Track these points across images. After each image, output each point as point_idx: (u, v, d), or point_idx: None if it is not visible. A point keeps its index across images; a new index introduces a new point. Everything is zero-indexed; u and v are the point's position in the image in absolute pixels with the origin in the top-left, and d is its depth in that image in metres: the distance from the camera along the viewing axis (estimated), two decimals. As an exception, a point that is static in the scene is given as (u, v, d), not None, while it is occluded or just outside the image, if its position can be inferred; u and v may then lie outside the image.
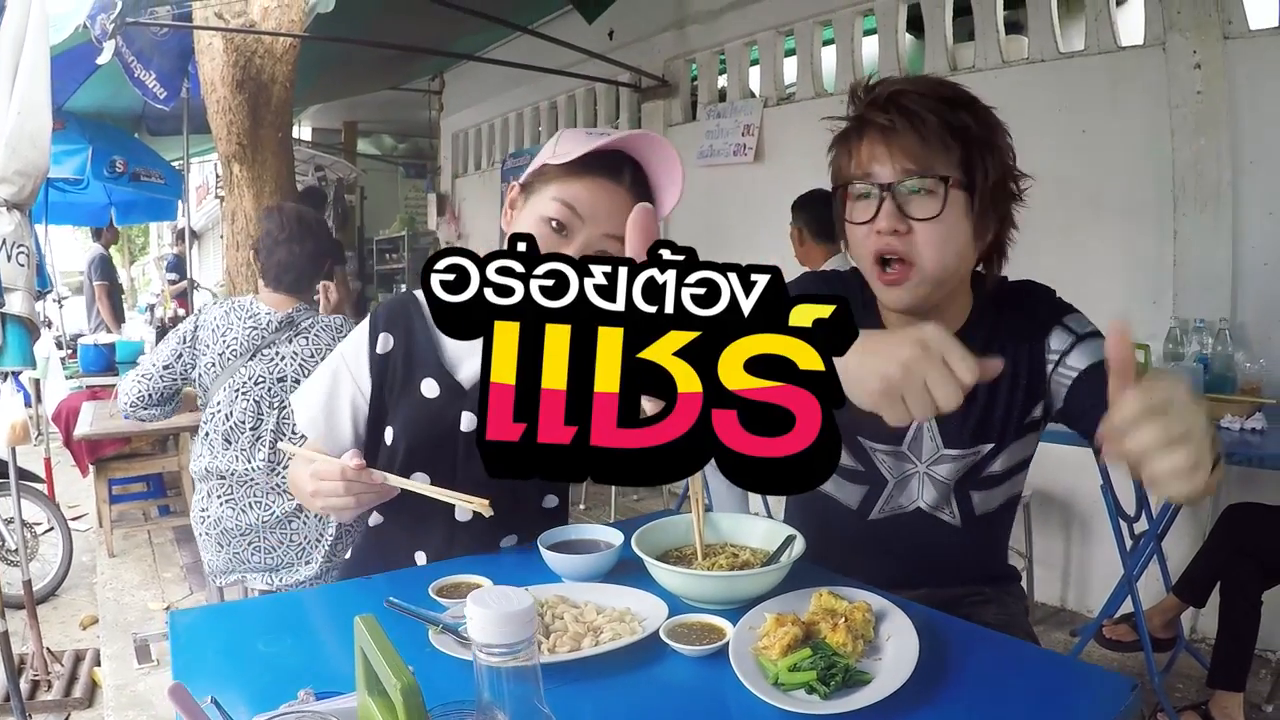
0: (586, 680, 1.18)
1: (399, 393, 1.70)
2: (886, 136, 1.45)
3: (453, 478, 1.63)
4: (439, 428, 1.67)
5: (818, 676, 1.12)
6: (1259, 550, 3.05)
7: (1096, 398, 1.22)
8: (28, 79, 3.00)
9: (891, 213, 1.44)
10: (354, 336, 1.74)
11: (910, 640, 1.22)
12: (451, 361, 1.70)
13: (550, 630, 1.26)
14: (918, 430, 1.61)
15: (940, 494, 1.63)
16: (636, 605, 1.36)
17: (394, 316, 1.72)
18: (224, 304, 3.09)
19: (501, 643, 0.67)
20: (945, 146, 1.43)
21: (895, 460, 1.64)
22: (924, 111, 1.43)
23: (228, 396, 2.94)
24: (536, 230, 1.52)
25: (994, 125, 1.49)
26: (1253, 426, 2.97)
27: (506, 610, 0.67)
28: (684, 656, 1.24)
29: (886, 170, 1.45)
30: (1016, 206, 1.58)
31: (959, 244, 1.47)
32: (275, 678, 1.15)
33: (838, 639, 1.19)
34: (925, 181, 1.43)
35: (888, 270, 1.48)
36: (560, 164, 1.53)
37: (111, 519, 5.26)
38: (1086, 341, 1.54)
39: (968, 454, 1.58)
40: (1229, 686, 3.00)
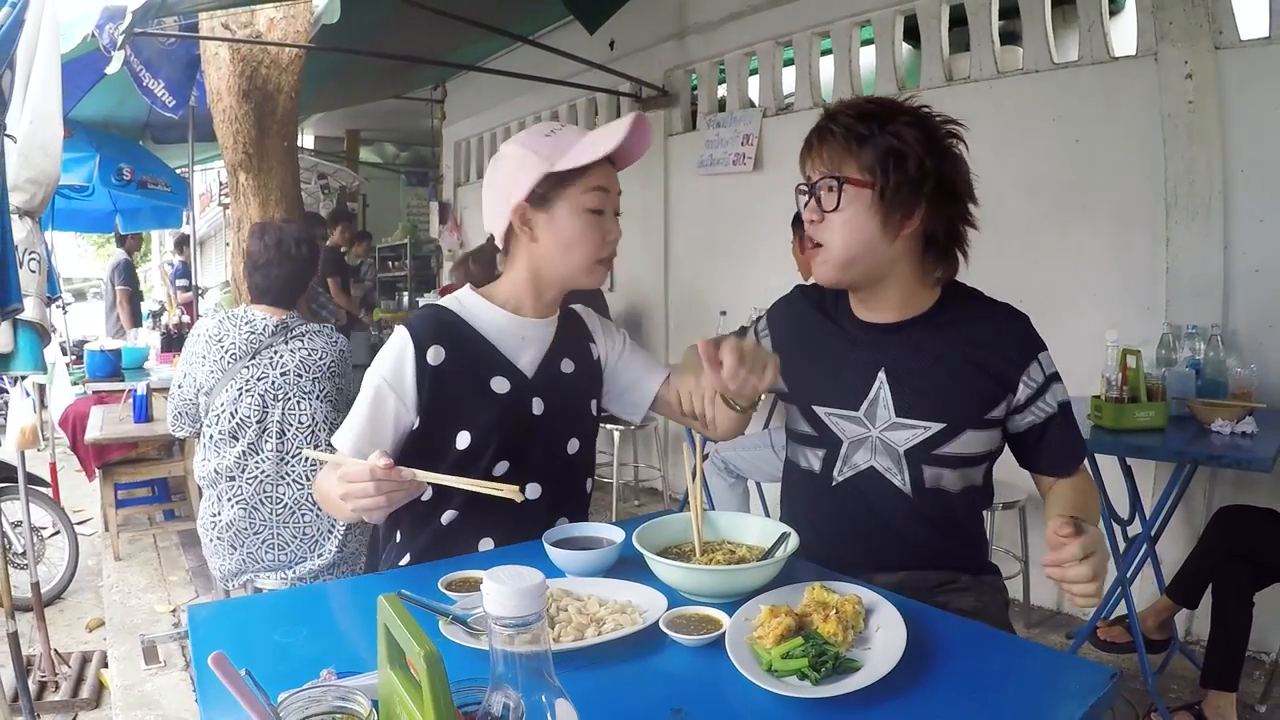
0: (589, 668, 1.23)
1: (467, 395, 1.81)
2: (812, 148, 1.78)
3: (528, 460, 1.82)
4: (515, 418, 1.83)
5: (809, 663, 1.18)
6: (1250, 552, 3.08)
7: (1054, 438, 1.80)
8: (40, 88, 3.04)
9: (812, 206, 1.77)
10: (390, 358, 1.79)
11: (898, 631, 1.28)
12: (514, 357, 1.86)
13: (555, 621, 1.31)
14: (874, 399, 1.80)
15: (892, 459, 1.79)
16: (637, 598, 1.41)
17: (437, 329, 1.81)
18: (217, 314, 3.16)
19: (515, 615, 0.72)
20: (848, 151, 1.71)
21: (851, 424, 1.82)
22: (837, 126, 1.73)
23: (231, 396, 3.01)
24: (583, 224, 1.80)
25: (908, 136, 1.69)
26: (1243, 430, 3.01)
27: (520, 585, 0.73)
28: (682, 646, 1.29)
29: (813, 174, 1.77)
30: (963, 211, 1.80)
31: (863, 233, 1.72)
32: (295, 664, 1.20)
33: (829, 629, 1.27)
34: (832, 180, 1.72)
35: (811, 250, 1.82)
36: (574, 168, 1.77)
37: (117, 523, 5.28)
38: (1055, 384, 1.80)
39: (917, 426, 1.76)
40: (1222, 687, 3.02)
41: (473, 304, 1.88)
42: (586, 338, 2.04)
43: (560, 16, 6.80)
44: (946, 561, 1.83)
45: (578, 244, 1.81)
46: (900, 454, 1.77)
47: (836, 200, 1.71)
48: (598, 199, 1.80)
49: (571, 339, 1.99)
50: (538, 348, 1.91)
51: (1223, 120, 3.71)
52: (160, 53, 5.92)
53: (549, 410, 1.88)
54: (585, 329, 2.05)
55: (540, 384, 1.88)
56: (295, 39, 5.45)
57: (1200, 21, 3.71)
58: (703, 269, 6.46)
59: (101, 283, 8.13)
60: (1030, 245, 4.34)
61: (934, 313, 1.82)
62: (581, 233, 1.80)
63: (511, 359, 1.86)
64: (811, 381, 1.89)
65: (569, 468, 1.95)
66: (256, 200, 5.50)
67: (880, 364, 1.80)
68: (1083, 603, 1.41)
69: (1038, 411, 1.78)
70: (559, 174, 1.77)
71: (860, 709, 1.13)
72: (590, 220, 1.80)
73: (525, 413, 1.85)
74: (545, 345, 1.92)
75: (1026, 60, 4.46)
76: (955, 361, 1.76)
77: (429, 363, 1.77)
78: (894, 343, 1.81)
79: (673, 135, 6.72)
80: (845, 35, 5.38)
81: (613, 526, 1.68)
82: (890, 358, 1.80)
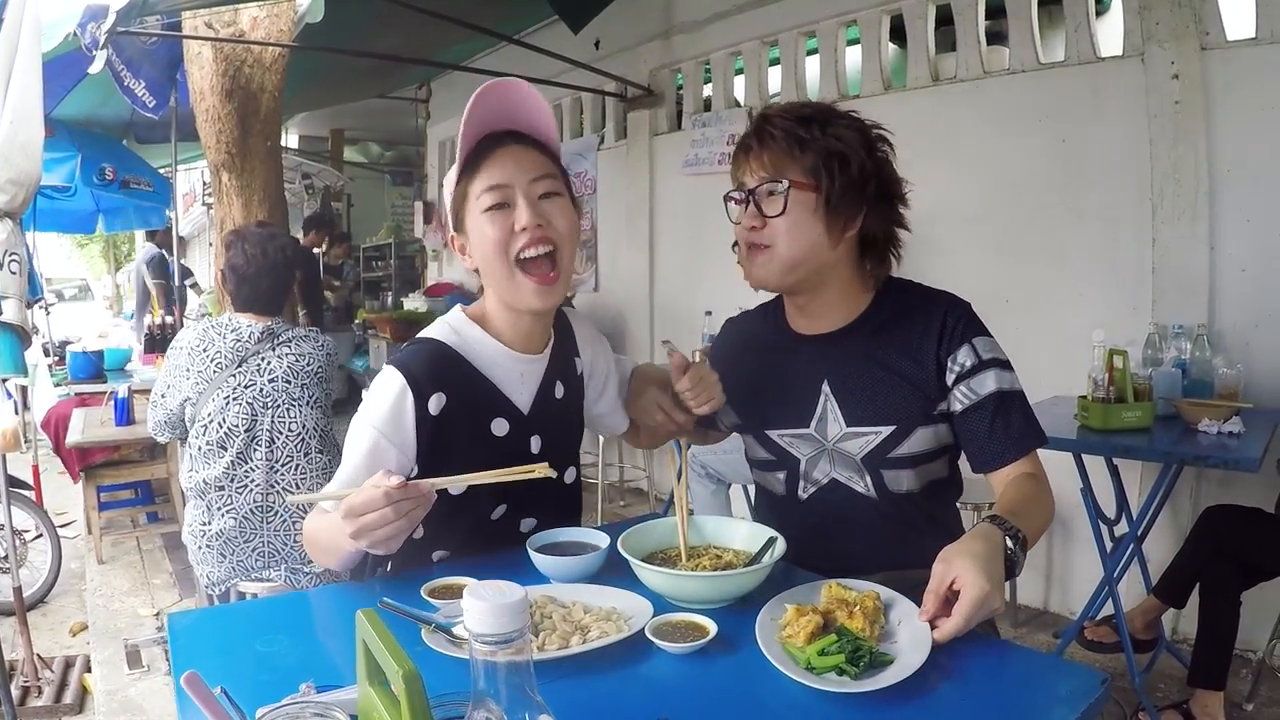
0: (574, 677, 1.21)
1: (466, 441, 1.68)
2: (750, 152, 1.75)
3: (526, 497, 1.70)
4: (513, 458, 1.65)
5: (846, 659, 1.20)
6: (1237, 551, 3.09)
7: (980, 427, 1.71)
8: (20, 88, 3.01)
9: (751, 213, 1.74)
10: (386, 407, 1.62)
11: (922, 624, 1.31)
12: (513, 394, 1.76)
13: (539, 629, 1.29)
14: (822, 413, 1.80)
15: (852, 468, 1.78)
16: (623, 605, 1.40)
17: (437, 373, 1.66)
18: (200, 324, 3.12)
19: (496, 632, 0.71)
20: (790, 156, 1.69)
21: (804, 442, 1.82)
22: (776, 130, 1.71)
23: (218, 405, 2.97)
24: (490, 232, 1.62)
25: (849, 139, 1.71)
26: (1230, 430, 3.02)
27: (501, 601, 0.71)
28: (669, 654, 1.28)
29: (751, 179, 1.74)
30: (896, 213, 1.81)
31: (808, 235, 1.71)
32: (275, 675, 1.18)
33: (856, 625, 1.29)
34: (772, 185, 1.70)
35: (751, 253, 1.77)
36: (460, 178, 1.67)
37: (100, 526, 5.25)
38: (988, 370, 1.72)
39: (868, 432, 1.75)
40: (1209, 685, 3.04)
41: (470, 335, 1.73)
42: (572, 349, 1.92)
43: (545, 16, 6.78)
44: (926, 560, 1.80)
45: (488, 248, 1.64)
46: (857, 462, 1.77)
47: (783, 204, 1.69)
48: (490, 197, 1.62)
49: (559, 356, 1.86)
50: (534, 380, 1.79)
51: (1209, 120, 3.72)
52: (142, 52, 5.88)
53: (546, 445, 1.79)
54: (573, 340, 1.93)
55: (537, 420, 1.78)
56: (278, 38, 5.42)
57: (1187, 22, 3.72)
58: (688, 268, 6.45)
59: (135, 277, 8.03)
60: (1016, 245, 4.34)
61: (871, 314, 1.82)
62: (487, 234, 1.63)
63: (510, 396, 1.75)
64: (760, 408, 1.89)
65: (567, 498, 1.90)
66: (239, 200, 5.47)
67: (823, 376, 1.80)
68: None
69: (965, 395, 1.72)
70: (459, 187, 1.67)
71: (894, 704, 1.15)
72: (489, 219, 1.62)
73: (524, 453, 1.76)
74: (540, 375, 1.81)
75: (1013, 60, 4.46)
76: (894, 361, 1.75)
77: (430, 413, 1.63)
78: (835, 353, 1.80)
79: (658, 135, 6.72)
80: (831, 35, 5.37)
81: (598, 531, 1.66)
82: (832, 369, 1.79)
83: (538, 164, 1.66)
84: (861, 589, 1.39)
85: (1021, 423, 1.72)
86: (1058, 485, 4.08)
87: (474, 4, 6.09)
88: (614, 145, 7.20)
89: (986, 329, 1.78)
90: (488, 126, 1.66)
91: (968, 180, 4.39)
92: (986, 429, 1.71)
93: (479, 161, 1.64)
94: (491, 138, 1.66)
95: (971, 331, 1.74)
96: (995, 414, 1.71)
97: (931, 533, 1.80)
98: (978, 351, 1.72)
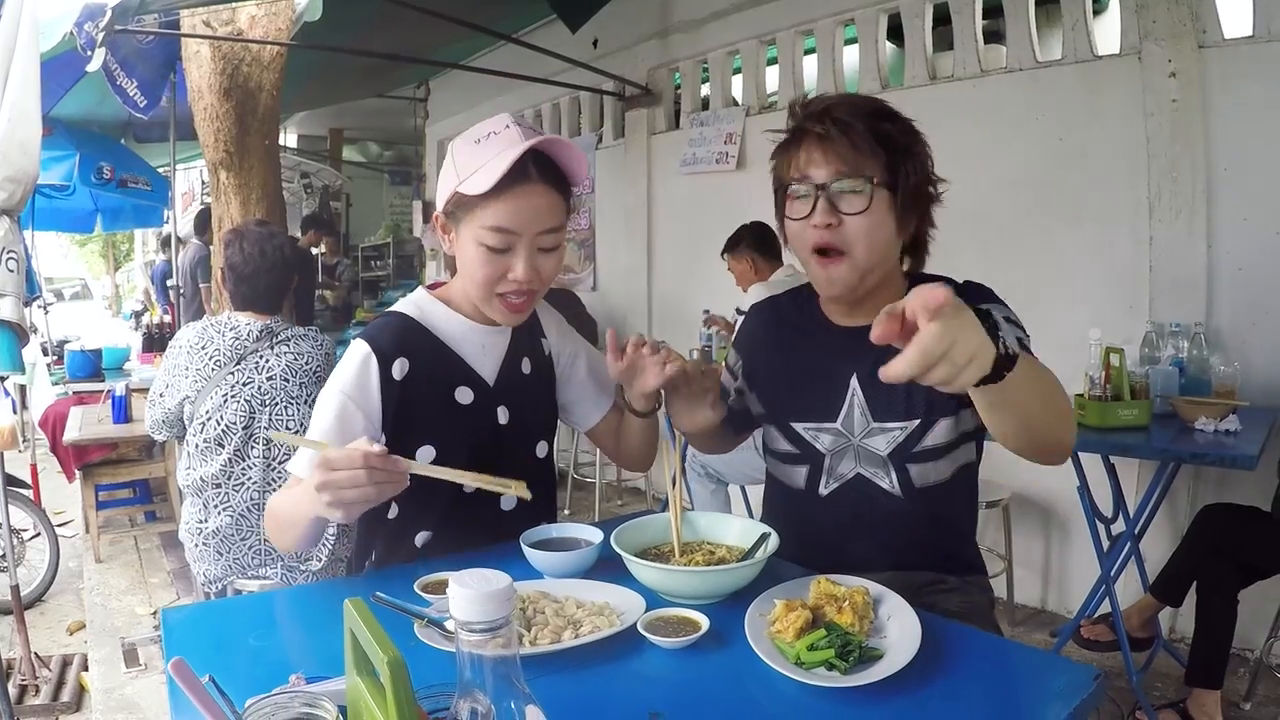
0: (566, 671, 1.21)
1: (430, 408, 1.72)
2: (822, 143, 1.63)
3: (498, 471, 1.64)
4: (479, 428, 1.76)
5: (836, 654, 1.20)
6: (1235, 549, 3.08)
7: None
8: (18, 86, 3.01)
9: (825, 209, 1.62)
10: (352, 372, 1.67)
11: (910, 618, 1.31)
12: (477, 366, 1.78)
13: (531, 623, 1.30)
14: (849, 408, 1.75)
15: (877, 464, 1.75)
16: (615, 600, 1.40)
17: (400, 341, 1.71)
18: (198, 323, 3.11)
19: (482, 620, 0.71)
20: (872, 152, 1.61)
21: (830, 436, 1.77)
22: (854, 121, 1.61)
23: (216, 403, 2.96)
24: (482, 259, 1.63)
25: (914, 135, 1.67)
26: (1227, 428, 3.01)
27: (486, 589, 0.71)
28: (661, 648, 1.28)
29: (821, 172, 1.62)
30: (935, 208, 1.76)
31: (885, 237, 1.64)
32: (267, 668, 1.18)
33: (845, 620, 1.29)
34: (855, 182, 1.60)
35: (825, 258, 1.66)
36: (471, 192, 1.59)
37: (98, 525, 5.25)
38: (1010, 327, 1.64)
39: (894, 427, 1.70)
40: (1207, 684, 3.03)
41: (432, 310, 1.78)
42: (539, 332, 1.95)
43: (543, 15, 6.77)
44: (936, 561, 1.79)
45: (474, 274, 1.66)
46: (884, 458, 1.73)
47: (866, 203, 1.60)
48: (494, 239, 1.61)
49: (526, 335, 1.89)
50: (498, 353, 1.83)
51: (1206, 119, 3.72)
52: (136, 51, 5.87)
53: (514, 417, 1.82)
54: (537, 323, 1.95)
55: (503, 391, 1.81)
56: (277, 36, 5.43)
57: (1184, 20, 3.72)
58: (686, 268, 6.45)
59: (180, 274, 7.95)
60: (1013, 243, 4.34)
61: None
62: (477, 265, 1.64)
63: (474, 367, 1.78)
64: (787, 398, 1.85)
65: (540, 472, 1.88)
66: (238, 199, 5.47)
67: (852, 370, 1.75)
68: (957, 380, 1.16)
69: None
70: (463, 197, 1.62)
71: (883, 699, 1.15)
72: (484, 255, 1.63)
73: (491, 423, 1.79)
74: (504, 349, 1.84)
75: (1010, 59, 4.46)
76: None
77: (394, 377, 1.68)
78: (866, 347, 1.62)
79: (656, 134, 6.71)
80: (829, 34, 5.37)
81: (591, 527, 1.66)
82: (862, 363, 1.72)
83: (551, 213, 1.64)
84: (851, 584, 1.40)
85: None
86: (1055, 484, 4.10)
87: (472, 3, 6.08)
88: (612, 144, 7.20)
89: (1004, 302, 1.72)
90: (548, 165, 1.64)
91: (964, 178, 4.29)
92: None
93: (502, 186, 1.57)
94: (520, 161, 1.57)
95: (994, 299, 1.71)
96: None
97: (951, 532, 1.84)
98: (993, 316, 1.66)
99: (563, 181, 1.67)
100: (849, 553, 1.71)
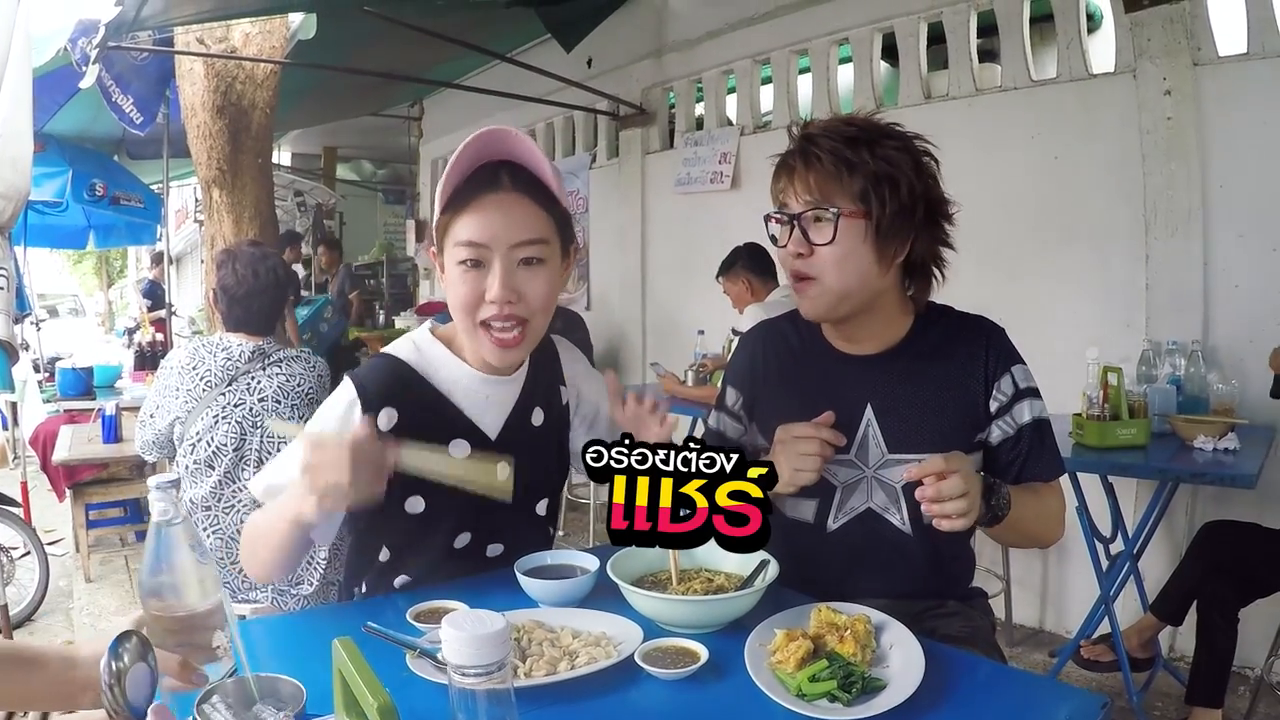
0: (563, 704, 1.19)
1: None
2: (794, 174, 1.66)
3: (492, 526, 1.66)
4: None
5: (838, 685, 1.18)
6: (1235, 567, 3.06)
7: (1014, 455, 1.73)
8: (10, 102, 3.00)
9: (797, 239, 1.66)
10: (335, 417, 1.60)
11: (913, 647, 1.29)
12: (477, 417, 1.68)
13: (526, 654, 1.27)
14: (864, 438, 1.73)
15: (889, 496, 1.73)
16: (612, 630, 1.37)
17: (389, 389, 1.61)
18: (190, 344, 3.09)
19: (476, 664, 0.68)
20: (840, 181, 1.61)
21: (844, 468, 1.74)
22: (822, 152, 1.62)
23: (207, 424, 2.93)
24: (460, 289, 1.55)
25: (902, 160, 1.63)
26: (1225, 446, 2.99)
27: (480, 632, 0.68)
28: (660, 680, 1.25)
29: (795, 203, 1.66)
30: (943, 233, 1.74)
31: (859, 265, 1.64)
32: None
33: (847, 649, 1.26)
34: (820, 212, 1.63)
35: (800, 282, 1.70)
36: (444, 210, 1.55)
37: (89, 544, 5.21)
38: (1024, 399, 1.74)
39: (911, 459, 1.63)
40: (1208, 703, 3.00)
41: (432, 354, 1.67)
42: (558, 379, 1.84)
43: (538, 34, 6.78)
44: (933, 587, 1.79)
45: (454, 300, 1.57)
46: (898, 491, 1.71)
47: (832, 233, 1.61)
48: (465, 252, 1.53)
49: (542, 384, 1.78)
50: (503, 403, 1.71)
51: (1201, 136, 3.71)
52: (131, 68, 5.87)
53: (516, 472, 1.63)
54: (559, 368, 1.85)
55: (506, 445, 1.68)
56: (270, 54, 5.42)
57: (1179, 38, 3.72)
58: (680, 288, 6.44)
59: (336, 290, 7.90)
60: (1009, 262, 4.33)
61: (914, 338, 1.77)
62: (454, 287, 1.56)
63: (474, 418, 1.67)
64: None
65: (536, 528, 1.80)
66: (230, 217, 5.46)
67: (866, 400, 1.72)
68: (952, 524, 1.44)
69: (1005, 426, 1.72)
70: (443, 217, 1.56)
71: None
72: (459, 275, 1.55)
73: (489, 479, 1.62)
74: (513, 400, 1.72)
75: (1005, 78, 4.46)
76: (940, 387, 1.71)
77: (379, 428, 1.55)
78: (879, 376, 1.74)
79: (650, 153, 6.70)
80: (823, 53, 5.37)
81: (587, 554, 1.63)
82: (876, 392, 1.72)
83: (525, 223, 1.55)
84: (852, 613, 1.37)
85: (1052, 452, 1.75)
86: (1053, 504, 4.05)
87: (466, 22, 6.09)
88: (606, 164, 7.19)
89: (1021, 356, 1.77)
90: (483, 156, 1.54)
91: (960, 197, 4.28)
92: (1021, 457, 1.73)
93: (467, 199, 1.53)
94: (486, 171, 1.54)
95: (1011, 360, 1.75)
96: (1030, 443, 1.73)
97: (953, 567, 1.84)
98: (1016, 381, 1.73)
99: (542, 192, 1.57)
100: (850, 587, 1.65)
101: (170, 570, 1.11)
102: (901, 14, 4.86)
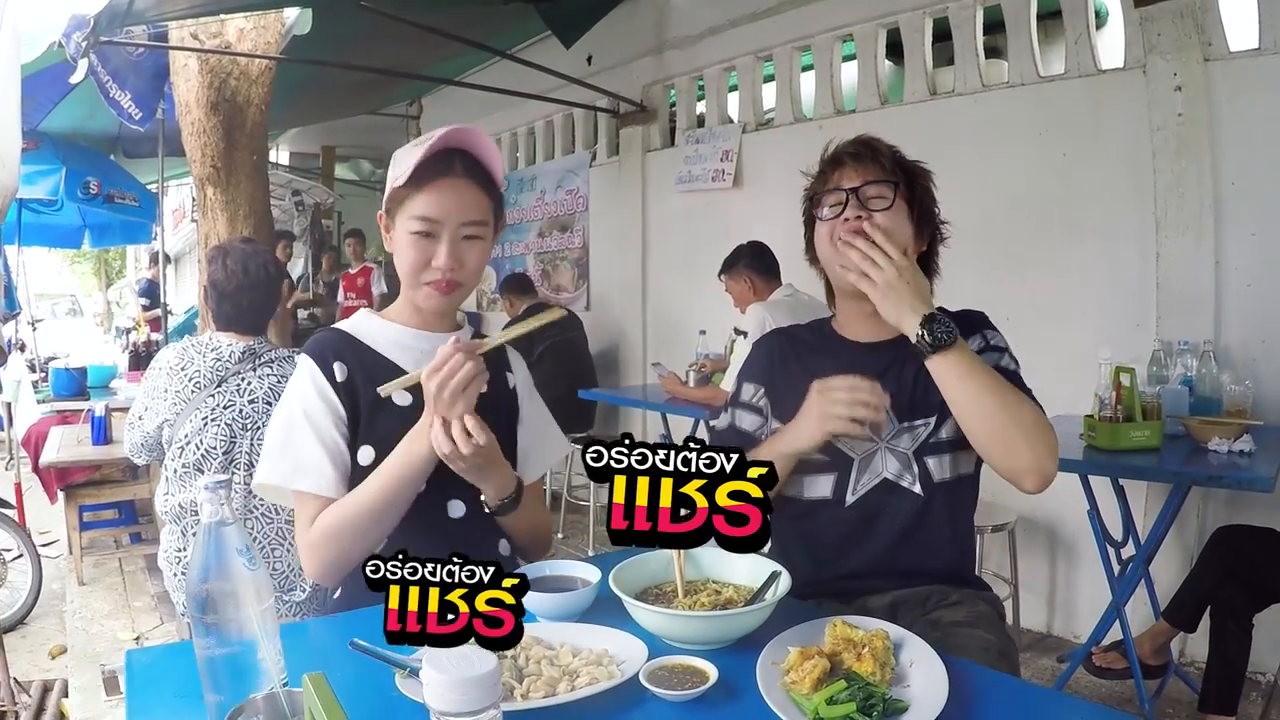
0: (562, 728, 1.12)
1: (369, 413, 1.77)
2: (854, 161, 1.89)
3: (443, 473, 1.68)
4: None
5: (858, 708, 1.12)
6: (1249, 572, 3.03)
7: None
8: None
9: (855, 204, 1.85)
10: (306, 383, 1.78)
11: (935, 665, 1.24)
12: (411, 370, 1.74)
13: (524, 674, 1.21)
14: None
15: (901, 463, 1.87)
16: (615, 646, 1.32)
17: (334, 348, 1.81)
18: (179, 344, 3.02)
19: (462, 711, 0.61)
20: (894, 171, 1.87)
21: (860, 441, 1.88)
22: (878, 147, 1.90)
23: (196, 426, 2.86)
24: (409, 245, 1.75)
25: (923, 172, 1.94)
26: (1240, 449, 2.94)
27: (467, 675, 0.61)
28: (666, 702, 1.19)
29: (853, 180, 1.87)
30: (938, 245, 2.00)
31: (905, 236, 1.86)
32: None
33: (865, 668, 1.21)
34: (881, 187, 1.86)
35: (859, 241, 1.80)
36: (403, 184, 1.73)
37: (82, 546, 5.17)
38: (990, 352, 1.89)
39: (917, 425, 1.86)
40: (1221, 711, 2.97)
41: (368, 325, 1.87)
42: (504, 365, 1.99)
43: (537, 31, 6.74)
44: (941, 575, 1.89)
45: (403, 263, 1.78)
46: (909, 455, 1.86)
47: (891, 199, 1.84)
48: (419, 225, 1.74)
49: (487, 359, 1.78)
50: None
51: (1213, 133, 3.66)
52: (128, 63, 5.82)
53: None
54: (504, 356, 2.00)
55: None
56: (265, 50, 5.37)
57: (1189, 33, 3.66)
58: (681, 287, 6.39)
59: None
60: (1018, 261, 4.28)
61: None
62: (406, 252, 1.76)
63: (409, 370, 1.76)
64: None
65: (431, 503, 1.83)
66: (224, 215, 5.40)
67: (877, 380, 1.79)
68: (869, 279, 1.70)
69: None
70: (395, 191, 1.77)
71: None
72: (411, 242, 1.75)
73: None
74: None
75: (1012, 74, 4.41)
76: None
77: (338, 380, 1.77)
78: (887, 357, 1.90)
79: (651, 151, 6.67)
80: (827, 50, 5.32)
81: (588, 564, 1.57)
82: (885, 371, 1.87)
83: (473, 205, 1.77)
84: (869, 628, 1.31)
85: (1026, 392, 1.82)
86: (1060, 507, 4.02)
87: (465, 19, 6.04)
88: (606, 162, 7.15)
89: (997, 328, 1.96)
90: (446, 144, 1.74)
91: (967, 196, 4.28)
92: None
93: (427, 179, 1.73)
94: (444, 156, 1.75)
95: (984, 326, 1.94)
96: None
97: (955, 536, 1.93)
98: (986, 338, 1.91)
99: (489, 182, 1.81)
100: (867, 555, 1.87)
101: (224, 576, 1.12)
102: (906, 9, 4.81)
